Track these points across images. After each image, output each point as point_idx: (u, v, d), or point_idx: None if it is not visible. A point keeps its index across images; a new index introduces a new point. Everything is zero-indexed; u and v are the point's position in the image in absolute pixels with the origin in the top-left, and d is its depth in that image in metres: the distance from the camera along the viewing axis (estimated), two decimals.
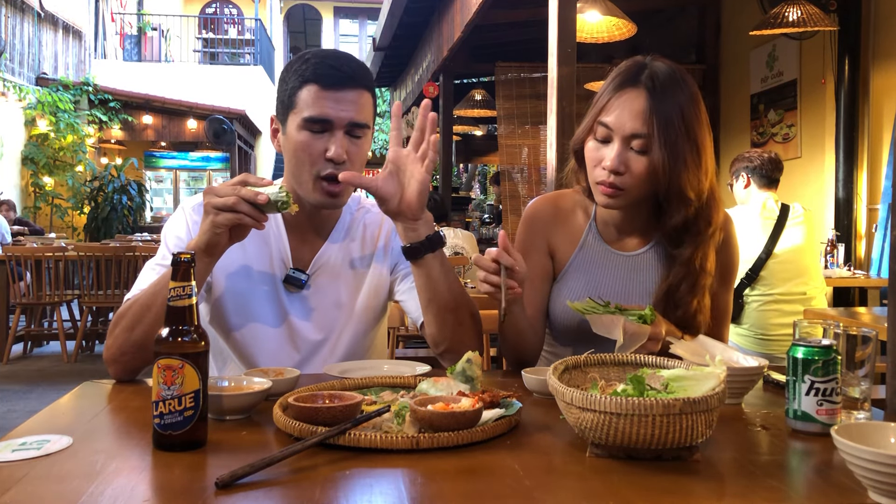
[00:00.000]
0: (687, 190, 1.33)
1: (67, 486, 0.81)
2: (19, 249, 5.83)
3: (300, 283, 1.45)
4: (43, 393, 4.89)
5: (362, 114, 1.38)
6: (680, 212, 1.36)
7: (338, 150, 1.35)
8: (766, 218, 3.09)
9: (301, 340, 1.47)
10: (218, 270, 1.42)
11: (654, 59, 1.38)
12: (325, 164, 1.36)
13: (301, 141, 1.37)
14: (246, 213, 1.21)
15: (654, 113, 1.30)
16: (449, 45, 5.81)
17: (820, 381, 1.01)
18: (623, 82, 1.34)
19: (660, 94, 1.31)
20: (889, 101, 4.34)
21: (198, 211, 1.45)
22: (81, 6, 13.08)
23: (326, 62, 1.37)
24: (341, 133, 1.36)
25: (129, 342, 1.27)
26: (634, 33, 4.16)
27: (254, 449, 0.94)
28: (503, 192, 6.15)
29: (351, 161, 1.38)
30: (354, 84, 1.37)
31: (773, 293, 3.02)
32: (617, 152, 1.32)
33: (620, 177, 1.33)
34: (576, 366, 1.09)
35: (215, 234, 1.23)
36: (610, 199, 1.36)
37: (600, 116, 1.35)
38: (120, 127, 12.28)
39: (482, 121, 9.63)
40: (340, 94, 1.35)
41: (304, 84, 1.36)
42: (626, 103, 1.32)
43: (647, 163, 1.32)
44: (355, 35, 20.76)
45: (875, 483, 0.78)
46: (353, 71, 1.37)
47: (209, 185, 1.30)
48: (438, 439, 0.93)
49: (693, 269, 1.39)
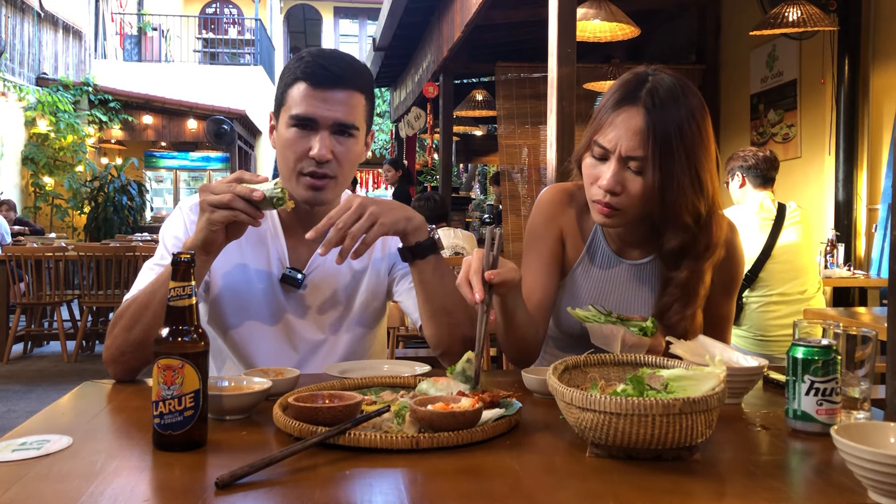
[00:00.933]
0: (683, 215, 1.30)
1: (67, 486, 0.81)
2: (19, 249, 5.83)
3: (297, 283, 1.45)
4: (43, 393, 4.89)
5: (351, 115, 1.37)
6: (677, 236, 1.33)
7: (321, 150, 1.34)
8: (763, 218, 3.09)
9: (299, 340, 1.47)
10: (215, 269, 1.42)
11: (658, 70, 1.33)
12: (308, 162, 1.36)
13: (288, 138, 1.37)
14: (241, 209, 1.21)
15: (650, 134, 1.25)
16: (449, 45, 5.81)
17: (820, 381, 1.01)
18: (621, 99, 1.29)
19: (658, 112, 1.26)
20: (889, 101, 4.34)
21: (195, 210, 1.45)
22: (81, 6, 13.08)
23: (318, 61, 1.37)
24: (326, 133, 1.36)
25: (128, 342, 1.27)
26: (636, 35, 4.17)
27: (254, 449, 0.94)
28: (503, 192, 6.15)
29: (337, 161, 1.37)
30: (344, 84, 1.36)
31: (773, 294, 3.02)
32: (613, 172, 1.28)
33: (616, 197, 1.30)
34: (576, 366, 1.09)
35: (211, 231, 1.23)
36: (606, 219, 1.34)
37: (597, 136, 1.31)
38: (120, 127, 12.28)
39: (482, 121, 9.62)
40: (329, 93, 1.35)
41: (295, 81, 1.37)
42: (623, 122, 1.28)
43: (643, 184, 1.28)
44: (355, 35, 20.76)
45: (875, 483, 0.78)
46: (344, 71, 1.36)
47: (204, 184, 1.29)
48: (438, 439, 0.93)
49: (688, 291, 1.36)
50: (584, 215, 1.50)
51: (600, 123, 1.32)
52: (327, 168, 1.36)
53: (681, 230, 1.32)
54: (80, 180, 11.26)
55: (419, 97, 7.80)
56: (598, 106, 1.36)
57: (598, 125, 1.32)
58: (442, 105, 7.19)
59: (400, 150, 10.27)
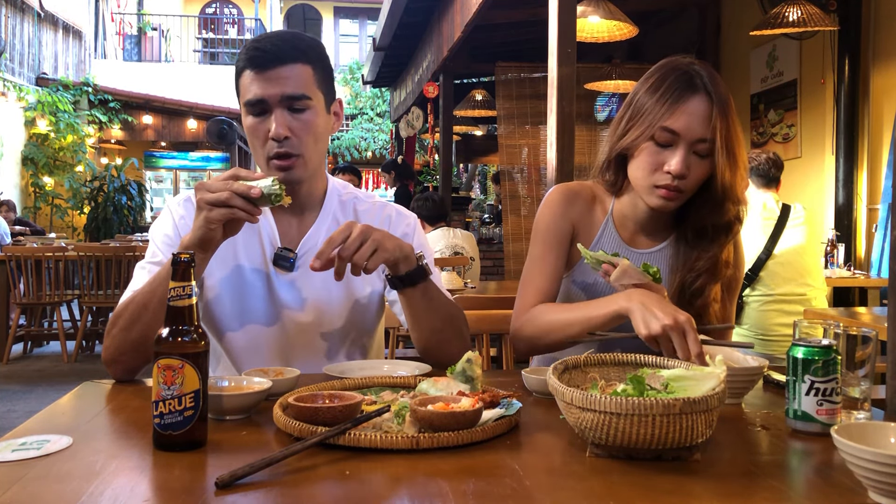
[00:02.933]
0: (738, 190, 1.39)
1: (67, 486, 0.81)
2: (19, 249, 5.83)
3: (289, 263, 1.44)
4: (43, 393, 4.89)
5: (297, 86, 1.36)
6: (730, 211, 1.42)
7: (277, 129, 1.35)
8: (766, 218, 3.09)
9: (291, 323, 1.45)
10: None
11: (692, 62, 1.41)
12: (270, 145, 1.37)
13: (248, 126, 1.39)
14: (240, 207, 1.20)
15: (718, 118, 1.34)
16: (449, 45, 5.81)
17: (820, 381, 1.01)
18: (683, 89, 1.36)
19: (717, 98, 1.35)
20: (889, 101, 4.34)
21: (183, 205, 1.46)
22: (81, 6, 13.08)
23: (255, 44, 1.38)
24: (279, 111, 1.36)
25: (127, 342, 1.27)
26: (635, 34, 4.17)
27: (254, 449, 0.94)
28: (503, 192, 6.15)
29: (297, 136, 1.37)
30: (283, 60, 1.36)
31: (774, 294, 3.02)
32: (682, 157, 1.35)
33: (683, 180, 1.36)
34: (576, 366, 1.09)
35: (209, 229, 1.22)
36: (668, 202, 1.39)
37: (664, 122, 1.35)
38: (120, 127, 12.28)
39: (482, 121, 9.63)
40: (271, 72, 1.35)
41: (242, 71, 1.39)
42: (691, 109, 1.34)
43: (707, 166, 1.37)
44: (355, 35, 20.75)
45: (875, 483, 0.78)
46: (280, 48, 1.36)
47: (199, 181, 1.28)
48: (438, 439, 0.93)
49: (719, 262, 1.44)
50: (590, 211, 1.55)
51: (663, 112, 1.36)
52: (288, 146, 1.36)
53: (734, 205, 1.41)
54: (80, 180, 11.26)
55: (419, 97, 7.80)
56: (642, 98, 1.40)
57: (660, 113, 1.36)
58: (442, 105, 7.19)
59: (399, 150, 10.27)
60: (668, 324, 1.17)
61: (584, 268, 1.50)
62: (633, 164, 1.42)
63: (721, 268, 1.45)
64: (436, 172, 8.49)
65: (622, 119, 1.44)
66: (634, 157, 1.41)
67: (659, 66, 1.42)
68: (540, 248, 1.53)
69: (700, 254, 1.45)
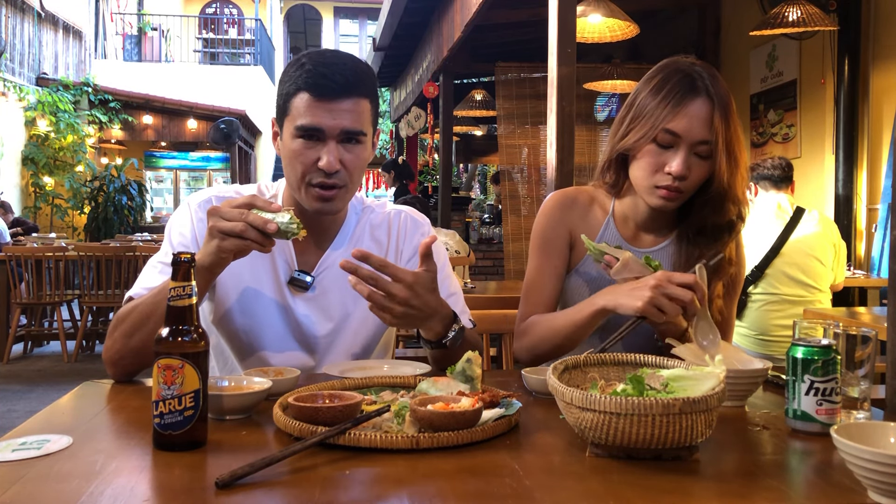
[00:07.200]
0: (738, 191, 1.41)
1: (67, 486, 0.81)
2: (19, 249, 5.83)
3: (305, 285, 1.44)
4: (43, 393, 4.89)
5: (357, 122, 1.34)
6: (731, 211, 1.43)
7: (329, 161, 1.32)
8: (780, 217, 3.09)
9: (308, 341, 1.46)
10: (222, 275, 1.41)
11: (694, 62, 1.42)
12: (317, 173, 1.34)
13: (294, 149, 1.34)
14: (253, 239, 1.18)
15: (719, 120, 1.35)
16: (449, 45, 5.81)
17: (820, 381, 1.01)
18: (685, 91, 1.37)
19: (718, 99, 1.36)
20: (889, 101, 4.34)
21: (203, 208, 1.42)
22: (81, 6, 13.08)
23: (319, 70, 1.32)
24: (334, 143, 1.33)
25: (128, 348, 1.27)
26: (636, 34, 4.17)
27: (254, 449, 0.94)
28: (503, 192, 6.14)
29: (347, 169, 1.35)
30: (348, 93, 1.32)
31: (777, 293, 3.01)
32: (683, 158, 1.36)
33: (683, 181, 1.38)
34: (576, 366, 1.09)
35: (220, 258, 1.21)
36: (669, 203, 1.41)
37: (666, 124, 1.36)
38: (120, 127, 12.28)
39: (482, 121, 9.63)
40: (333, 104, 1.32)
41: (297, 91, 1.33)
42: (693, 112, 1.36)
43: (708, 167, 1.38)
44: (355, 35, 20.76)
45: (875, 483, 0.78)
46: (347, 79, 1.32)
47: (213, 206, 1.26)
48: (438, 439, 0.93)
49: (722, 260, 1.45)
50: (589, 214, 1.56)
51: (665, 114, 1.37)
52: (336, 178, 1.34)
53: (734, 205, 1.43)
54: (80, 180, 11.26)
55: (419, 97, 7.80)
56: (644, 99, 1.41)
57: (662, 115, 1.37)
58: (442, 105, 7.19)
59: (400, 150, 10.27)
60: (648, 294, 1.24)
61: (590, 261, 1.51)
62: (635, 165, 1.43)
63: (724, 265, 1.46)
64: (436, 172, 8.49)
65: (624, 120, 1.44)
66: (636, 157, 1.42)
67: (661, 66, 1.43)
68: (537, 259, 1.55)
69: (703, 251, 1.46)
